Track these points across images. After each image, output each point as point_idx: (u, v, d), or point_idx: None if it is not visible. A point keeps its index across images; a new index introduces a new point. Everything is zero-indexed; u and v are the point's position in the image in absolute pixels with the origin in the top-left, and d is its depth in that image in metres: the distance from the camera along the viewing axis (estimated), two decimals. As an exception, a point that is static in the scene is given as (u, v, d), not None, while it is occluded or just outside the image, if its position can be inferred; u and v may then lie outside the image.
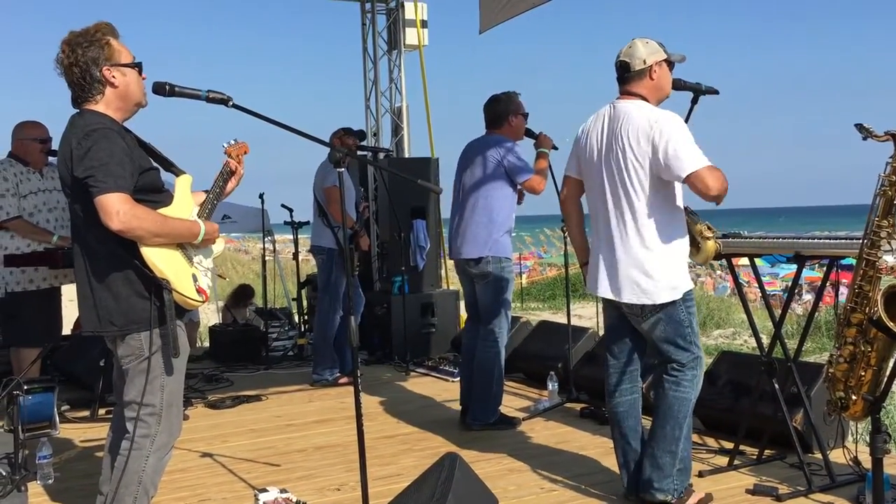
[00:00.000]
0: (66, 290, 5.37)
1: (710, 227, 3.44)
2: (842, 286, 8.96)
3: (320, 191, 6.16)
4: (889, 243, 2.89)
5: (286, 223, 7.83)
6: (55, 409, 4.75)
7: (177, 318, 2.78)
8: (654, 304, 3.32)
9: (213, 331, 7.77)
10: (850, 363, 3.01)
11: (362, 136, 6.55)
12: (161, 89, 2.78)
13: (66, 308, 5.57)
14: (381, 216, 7.70)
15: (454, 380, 6.09)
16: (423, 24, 8.15)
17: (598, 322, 6.95)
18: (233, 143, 3.09)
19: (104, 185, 2.56)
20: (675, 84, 3.58)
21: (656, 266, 3.29)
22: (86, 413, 5.29)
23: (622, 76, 3.40)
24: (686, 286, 3.35)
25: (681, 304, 3.35)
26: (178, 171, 3.01)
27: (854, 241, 3.27)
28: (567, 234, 5.21)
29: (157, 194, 2.82)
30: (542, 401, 5.39)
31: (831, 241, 3.53)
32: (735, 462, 3.93)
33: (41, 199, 5.07)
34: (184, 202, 2.91)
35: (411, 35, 8.10)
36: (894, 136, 2.83)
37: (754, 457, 4.00)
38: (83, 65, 2.71)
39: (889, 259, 2.91)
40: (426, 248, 7.26)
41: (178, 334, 2.78)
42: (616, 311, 3.52)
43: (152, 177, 2.81)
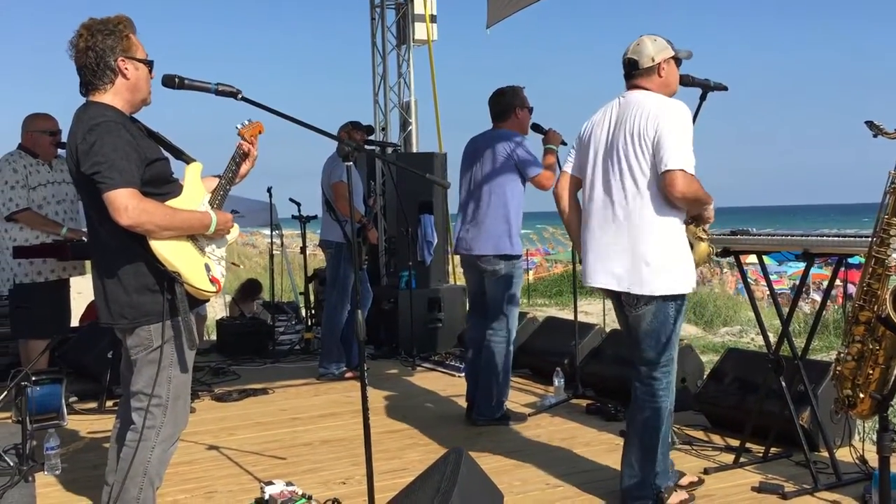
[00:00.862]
0: (73, 283, 5.40)
1: (704, 230, 3.37)
2: (849, 285, 8.92)
3: (328, 186, 6.16)
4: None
5: (294, 217, 7.86)
6: (63, 401, 4.77)
7: (190, 309, 2.76)
8: (649, 295, 3.23)
9: (221, 324, 7.79)
10: (857, 361, 3.00)
11: (370, 131, 6.55)
12: (171, 82, 2.78)
13: (74, 300, 5.60)
14: (388, 211, 7.71)
15: (460, 375, 6.09)
16: (433, 19, 8.15)
17: (605, 319, 6.95)
18: (246, 123, 3.03)
19: (111, 182, 2.56)
20: (684, 80, 3.56)
21: (657, 255, 3.21)
22: (93, 405, 5.31)
23: (630, 73, 3.37)
24: (683, 288, 3.26)
25: (672, 304, 3.27)
26: (188, 159, 2.98)
27: (863, 239, 3.26)
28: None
29: (166, 185, 2.80)
30: (548, 397, 5.39)
31: (840, 238, 3.52)
32: (741, 460, 3.92)
33: (50, 191, 5.09)
34: (194, 191, 2.88)
35: (420, 30, 8.10)
36: (905, 133, 2.82)
37: (760, 455, 3.99)
38: (99, 51, 2.71)
39: None
40: (434, 243, 7.26)
41: (192, 326, 2.78)
42: (619, 303, 3.43)
43: (161, 167, 2.80)
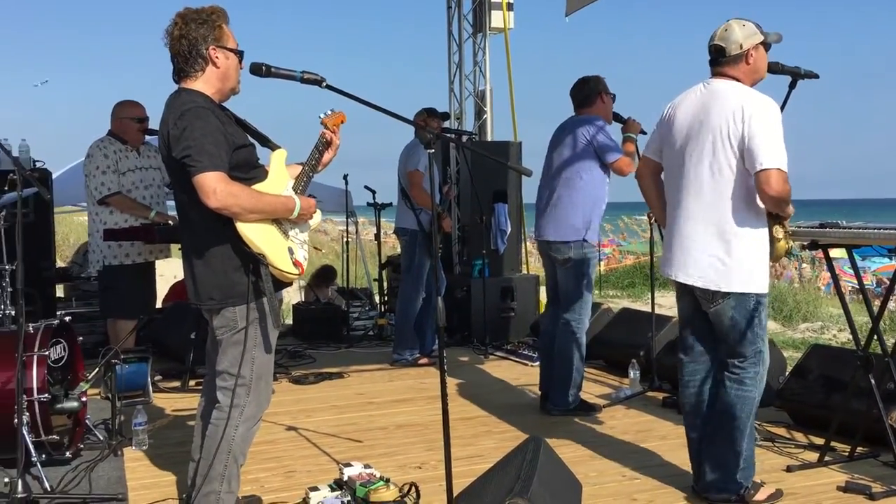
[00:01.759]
0: (158, 266, 5.57)
1: (784, 227, 3.27)
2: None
3: (403, 174, 6.20)
4: None
5: (369, 204, 7.94)
6: (149, 379, 4.95)
7: (275, 291, 2.82)
8: (727, 291, 3.20)
9: (297, 308, 7.94)
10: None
11: (445, 117, 6.56)
12: (258, 70, 2.85)
13: (158, 283, 5.78)
14: (462, 199, 7.71)
15: (533, 364, 6.07)
16: (510, 7, 8.09)
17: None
18: (329, 113, 3.08)
19: (201, 165, 2.64)
20: (772, 67, 3.46)
21: (736, 250, 3.16)
22: (177, 384, 5.48)
23: (716, 59, 3.27)
24: (760, 288, 3.21)
25: (753, 297, 3.21)
26: (273, 146, 3.05)
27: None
28: (653, 220, 5.14)
29: (253, 170, 2.88)
30: (623, 388, 5.33)
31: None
32: (825, 458, 3.82)
33: (138, 176, 5.25)
34: (278, 177, 2.95)
35: (497, 18, 8.06)
36: None
37: (846, 454, 3.87)
38: (192, 39, 2.79)
39: None
40: (507, 231, 7.24)
41: (277, 307, 2.83)
42: (690, 298, 3.40)
43: (247, 153, 2.87)
